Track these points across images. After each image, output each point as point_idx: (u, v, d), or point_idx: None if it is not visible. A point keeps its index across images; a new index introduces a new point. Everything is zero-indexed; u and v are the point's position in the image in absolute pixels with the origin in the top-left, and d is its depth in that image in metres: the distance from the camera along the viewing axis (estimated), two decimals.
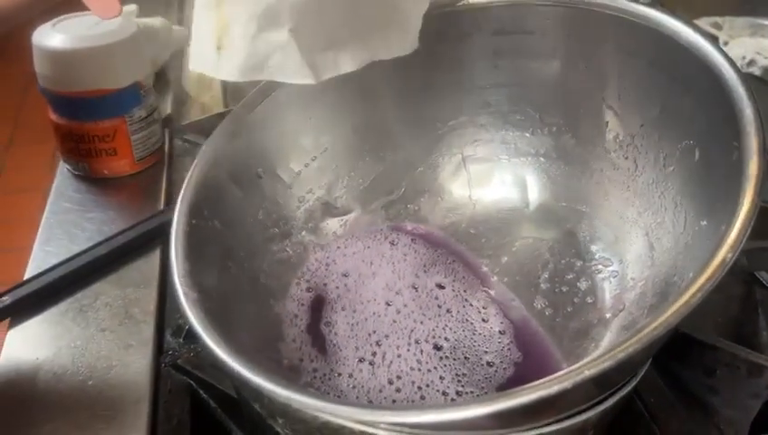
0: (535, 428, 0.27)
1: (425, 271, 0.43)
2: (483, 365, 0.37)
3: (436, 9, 0.40)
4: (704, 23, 0.75)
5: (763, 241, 0.61)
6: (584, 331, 0.37)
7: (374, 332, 0.39)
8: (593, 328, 0.37)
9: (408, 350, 0.38)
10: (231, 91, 0.73)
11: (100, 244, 0.52)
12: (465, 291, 0.41)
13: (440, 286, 0.42)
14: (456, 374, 0.36)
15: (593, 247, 0.40)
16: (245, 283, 0.37)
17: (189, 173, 0.35)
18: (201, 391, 0.43)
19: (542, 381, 0.24)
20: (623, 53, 0.37)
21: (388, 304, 0.40)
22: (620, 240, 0.39)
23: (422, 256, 0.44)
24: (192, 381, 0.43)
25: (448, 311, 0.40)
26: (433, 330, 0.39)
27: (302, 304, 0.41)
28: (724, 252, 0.24)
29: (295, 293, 0.41)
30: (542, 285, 0.40)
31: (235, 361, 0.26)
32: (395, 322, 0.39)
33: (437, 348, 0.38)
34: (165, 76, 0.75)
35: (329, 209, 0.43)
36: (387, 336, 0.38)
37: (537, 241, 0.42)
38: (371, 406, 0.26)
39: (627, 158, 0.38)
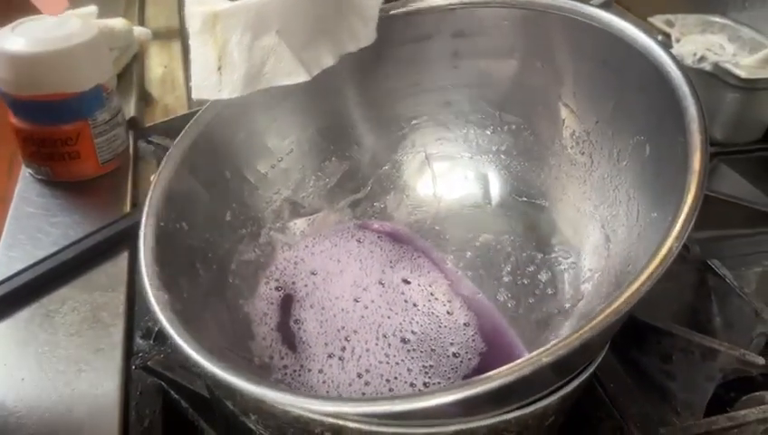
0: (498, 414, 0.28)
1: (391, 267, 0.44)
2: (449, 356, 0.38)
3: (395, 9, 0.41)
4: (657, 20, 0.77)
5: (714, 230, 0.64)
6: (545, 321, 0.38)
7: (343, 327, 0.40)
8: (554, 318, 0.38)
9: (377, 344, 0.39)
10: None
11: (65, 248, 0.52)
12: (430, 285, 0.42)
13: (406, 281, 0.43)
14: (424, 366, 0.37)
15: (553, 240, 0.42)
16: (214, 283, 0.37)
17: (156, 176, 0.35)
18: (172, 392, 0.44)
19: (502, 369, 0.25)
20: (577, 53, 0.38)
21: (357, 301, 0.41)
22: (578, 233, 0.40)
23: (388, 253, 0.45)
24: (163, 383, 0.44)
25: (414, 305, 0.41)
26: (400, 324, 0.40)
27: (272, 303, 0.41)
28: (670, 242, 0.25)
29: (264, 292, 0.42)
30: (504, 278, 0.41)
31: (208, 361, 0.27)
32: (363, 317, 0.40)
33: (404, 341, 0.39)
34: (128, 77, 0.75)
35: (296, 209, 0.44)
36: (355, 332, 0.39)
37: (499, 235, 0.43)
38: (340, 399, 0.27)
39: (583, 153, 0.40)
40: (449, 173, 0.46)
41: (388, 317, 0.40)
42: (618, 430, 0.44)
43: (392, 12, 0.41)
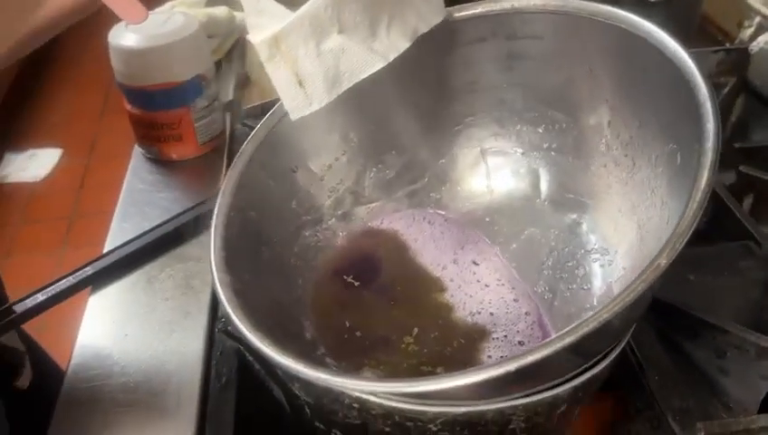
0: (506, 400, 0.32)
1: (461, 248, 0.47)
2: (515, 345, 0.41)
3: (451, 16, 0.44)
4: (756, 2, 0.73)
5: None
6: (577, 315, 0.41)
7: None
8: (585, 313, 0.40)
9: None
10: None
11: (166, 222, 0.59)
12: (496, 271, 0.45)
13: (476, 263, 0.46)
14: (501, 357, 0.40)
15: (593, 238, 0.43)
16: (277, 265, 0.42)
17: (228, 173, 0.41)
18: (247, 354, 0.50)
19: (511, 356, 0.28)
20: (622, 59, 0.39)
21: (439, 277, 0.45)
22: (617, 232, 0.42)
23: (456, 235, 0.48)
24: (240, 346, 0.50)
25: (486, 286, 0.44)
26: (480, 304, 0.43)
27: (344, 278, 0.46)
28: (657, 261, 0.27)
29: (336, 267, 0.46)
30: (545, 271, 0.44)
31: (253, 336, 0.32)
32: (452, 296, 0.44)
33: (486, 325, 0.42)
34: (228, 63, 0.82)
35: (357, 198, 0.48)
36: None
37: (545, 230, 0.46)
38: (362, 377, 0.31)
39: (626, 155, 0.41)
40: (502, 168, 0.48)
41: (470, 296, 0.44)
42: (655, 421, 0.45)
43: (448, 18, 0.44)
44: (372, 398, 0.31)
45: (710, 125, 0.30)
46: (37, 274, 0.54)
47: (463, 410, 0.31)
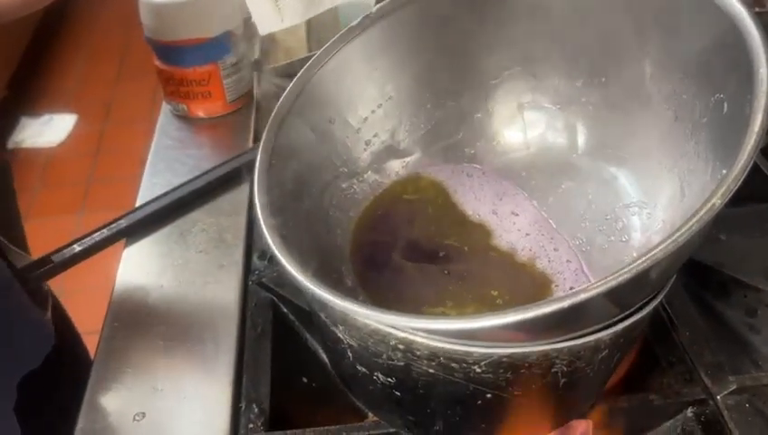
0: (551, 343, 0.32)
1: (500, 199, 0.47)
2: (567, 290, 0.41)
3: None
4: None
5: None
6: (616, 267, 0.41)
7: None
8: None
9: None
10: (315, 34, 0.78)
11: (197, 177, 0.60)
12: (535, 222, 0.45)
13: (515, 214, 0.46)
14: None
15: (632, 191, 0.43)
16: (316, 213, 0.43)
17: (269, 121, 0.41)
18: (281, 306, 0.51)
19: (556, 297, 0.28)
20: (666, 9, 0.39)
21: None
22: (657, 184, 0.42)
23: (495, 187, 0.48)
24: (274, 297, 0.51)
25: (527, 235, 0.45)
26: (521, 250, 0.44)
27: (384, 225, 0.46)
28: (713, 199, 0.27)
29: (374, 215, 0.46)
30: (581, 224, 0.44)
31: (304, 277, 0.32)
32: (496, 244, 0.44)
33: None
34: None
35: (392, 152, 0.48)
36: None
37: (582, 183, 0.46)
38: (410, 315, 0.31)
39: (668, 108, 0.41)
40: (539, 122, 0.48)
41: (513, 244, 0.44)
42: (687, 374, 0.46)
43: None
44: (418, 338, 0.31)
45: (763, 70, 0.30)
46: (54, 239, 0.55)
47: (509, 351, 0.32)
